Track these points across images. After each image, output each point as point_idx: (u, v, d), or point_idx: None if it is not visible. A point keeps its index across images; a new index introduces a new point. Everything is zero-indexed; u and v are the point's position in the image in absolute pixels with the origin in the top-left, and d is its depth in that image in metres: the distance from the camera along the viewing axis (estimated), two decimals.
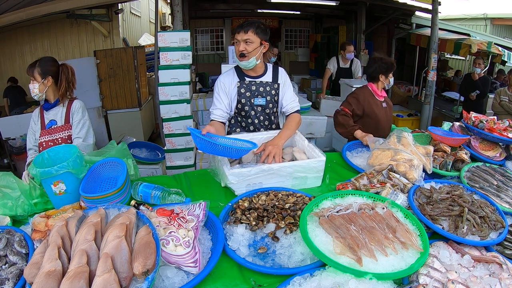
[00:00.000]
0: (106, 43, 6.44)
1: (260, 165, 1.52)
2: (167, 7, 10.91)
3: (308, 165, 1.58)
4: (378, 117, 2.41)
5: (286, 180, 1.59)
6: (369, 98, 2.43)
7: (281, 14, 9.69)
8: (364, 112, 2.40)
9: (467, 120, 2.09)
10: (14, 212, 1.35)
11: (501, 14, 10.34)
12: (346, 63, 5.08)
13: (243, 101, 1.97)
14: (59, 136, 2.01)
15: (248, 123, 2.03)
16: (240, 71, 1.98)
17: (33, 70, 1.92)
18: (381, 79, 2.45)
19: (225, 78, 1.99)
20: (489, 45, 5.68)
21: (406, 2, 6.43)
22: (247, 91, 1.95)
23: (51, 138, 2.01)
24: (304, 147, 1.81)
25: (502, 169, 1.78)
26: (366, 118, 2.41)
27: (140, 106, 5.55)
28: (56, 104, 2.03)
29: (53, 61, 2.01)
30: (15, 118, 4.58)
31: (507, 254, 1.18)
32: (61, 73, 1.99)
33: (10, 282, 0.97)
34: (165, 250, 1.04)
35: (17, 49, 6.08)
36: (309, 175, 1.61)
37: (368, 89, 2.48)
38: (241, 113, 2.01)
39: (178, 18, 4.08)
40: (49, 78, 1.95)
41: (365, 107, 2.39)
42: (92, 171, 1.47)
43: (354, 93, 2.49)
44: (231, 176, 1.49)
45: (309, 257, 1.11)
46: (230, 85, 1.97)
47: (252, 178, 1.52)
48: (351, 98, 2.43)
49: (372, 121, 2.40)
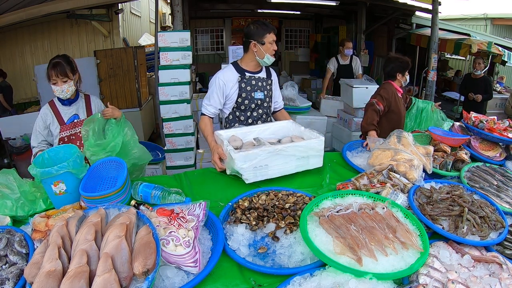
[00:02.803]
0: (106, 43, 6.44)
1: (264, 147, 1.60)
2: (167, 7, 10.91)
3: (308, 144, 1.68)
4: (400, 113, 2.57)
5: (290, 161, 1.66)
6: (395, 94, 2.57)
7: (281, 14, 9.69)
8: (390, 107, 2.52)
9: (467, 120, 2.09)
10: (14, 213, 1.35)
11: (501, 14, 10.33)
12: (346, 60, 5.09)
13: (244, 95, 2.03)
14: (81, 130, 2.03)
15: (247, 116, 2.09)
16: (239, 67, 2.04)
17: (64, 69, 1.90)
18: (399, 77, 2.60)
19: (225, 75, 2.02)
20: (489, 45, 5.68)
21: (406, 2, 6.43)
22: (247, 85, 2.03)
23: (74, 132, 2.03)
24: (302, 132, 1.88)
25: (502, 169, 1.78)
26: (391, 114, 2.54)
27: (140, 106, 5.55)
28: (77, 98, 2.06)
29: (69, 57, 2.03)
30: (15, 118, 4.58)
31: (507, 254, 1.18)
32: (76, 67, 2.02)
33: (10, 282, 0.97)
34: (165, 250, 1.04)
35: (17, 49, 6.07)
36: (311, 155, 1.70)
37: (392, 86, 2.59)
38: (241, 107, 2.06)
39: (178, 18, 4.08)
40: (77, 73, 2.00)
41: (392, 102, 2.52)
42: (92, 170, 1.47)
43: (383, 88, 2.59)
44: (238, 160, 1.53)
45: (309, 257, 1.11)
46: (230, 82, 2.01)
47: (259, 161, 1.57)
48: (384, 92, 2.53)
49: (396, 116, 2.55)
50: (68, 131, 2.03)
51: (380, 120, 2.47)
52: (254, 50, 1.98)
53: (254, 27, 1.97)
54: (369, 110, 2.46)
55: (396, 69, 2.59)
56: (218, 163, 1.72)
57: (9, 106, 5.53)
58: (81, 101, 2.08)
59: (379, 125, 2.44)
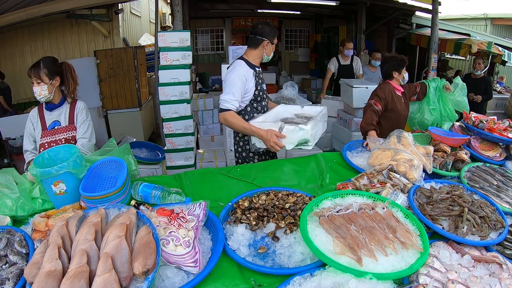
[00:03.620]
0: (106, 43, 6.44)
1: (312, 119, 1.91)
2: (167, 7, 10.91)
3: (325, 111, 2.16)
4: (399, 112, 2.56)
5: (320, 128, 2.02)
6: (392, 93, 2.56)
7: (281, 14, 9.68)
8: (387, 106, 2.52)
9: (467, 120, 2.09)
10: (14, 213, 1.35)
11: (501, 14, 10.32)
12: (346, 60, 5.08)
13: (259, 88, 2.24)
14: (62, 137, 1.97)
15: (263, 105, 2.32)
16: (249, 63, 2.21)
17: (38, 71, 1.87)
18: (395, 75, 2.60)
19: (245, 72, 2.17)
20: (489, 45, 5.67)
21: (406, 2, 6.42)
22: (259, 78, 2.25)
23: (54, 139, 1.96)
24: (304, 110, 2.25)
25: (502, 169, 1.78)
26: (389, 112, 2.54)
27: (140, 106, 5.55)
28: (62, 104, 2.00)
29: (56, 60, 1.98)
30: (15, 118, 4.58)
31: (507, 254, 1.18)
32: (66, 72, 1.98)
33: (11, 282, 0.97)
34: (165, 250, 1.04)
35: (17, 49, 6.07)
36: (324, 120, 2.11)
37: (389, 85, 2.59)
38: (257, 98, 2.25)
39: (178, 18, 4.08)
40: (57, 78, 1.93)
41: (389, 101, 2.52)
42: (92, 170, 1.47)
43: (380, 88, 2.60)
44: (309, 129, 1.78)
45: (309, 257, 1.11)
46: (249, 77, 2.19)
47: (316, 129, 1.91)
48: (380, 91, 2.53)
49: (395, 115, 2.55)
50: (49, 138, 1.96)
51: (378, 120, 2.48)
52: (265, 48, 2.19)
53: (267, 28, 2.19)
54: (367, 111, 2.48)
55: (391, 68, 2.59)
56: (279, 143, 1.87)
57: (9, 107, 5.53)
58: (65, 107, 2.00)
59: (378, 124, 2.46)
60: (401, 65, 2.58)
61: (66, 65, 2.00)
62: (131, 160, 1.58)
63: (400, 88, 2.64)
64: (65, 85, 2.00)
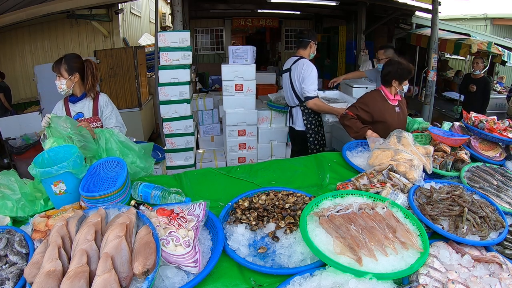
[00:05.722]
0: (106, 43, 6.45)
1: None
2: (167, 7, 10.90)
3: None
4: (389, 123, 2.24)
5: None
6: (380, 103, 2.29)
7: (281, 14, 9.69)
8: (373, 119, 2.28)
9: (467, 120, 2.08)
10: (14, 214, 1.35)
11: (501, 14, 10.32)
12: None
13: None
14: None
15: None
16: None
17: (59, 67, 1.99)
18: (394, 84, 2.28)
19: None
20: (489, 45, 5.68)
21: (406, 2, 6.43)
22: None
23: None
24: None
25: (502, 169, 1.78)
26: (376, 124, 2.27)
27: (140, 106, 5.55)
28: (83, 97, 2.10)
29: (78, 57, 2.08)
30: (16, 118, 4.58)
31: (507, 254, 1.18)
32: (87, 69, 2.07)
33: (10, 282, 0.97)
34: (165, 250, 1.04)
35: (17, 49, 6.07)
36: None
37: (379, 93, 2.33)
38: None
39: (178, 18, 4.08)
40: (76, 74, 2.03)
41: (375, 114, 2.26)
42: (92, 170, 1.47)
43: (363, 99, 2.36)
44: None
45: (309, 257, 1.11)
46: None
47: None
48: (360, 104, 2.31)
49: (382, 126, 2.23)
50: None
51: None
52: (311, 48, 2.91)
53: (311, 32, 2.96)
54: (345, 122, 2.29)
55: (393, 75, 2.25)
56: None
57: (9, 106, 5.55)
58: (87, 101, 2.12)
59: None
60: (405, 76, 2.25)
61: (88, 63, 2.10)
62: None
63: (397, 97, 2.34)
64: (84, 81, 2.09)
